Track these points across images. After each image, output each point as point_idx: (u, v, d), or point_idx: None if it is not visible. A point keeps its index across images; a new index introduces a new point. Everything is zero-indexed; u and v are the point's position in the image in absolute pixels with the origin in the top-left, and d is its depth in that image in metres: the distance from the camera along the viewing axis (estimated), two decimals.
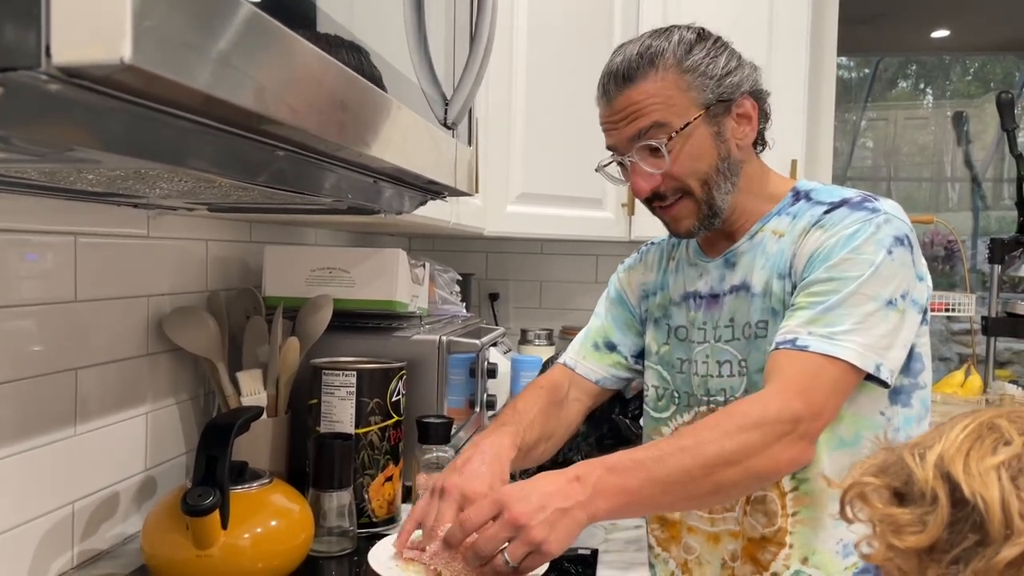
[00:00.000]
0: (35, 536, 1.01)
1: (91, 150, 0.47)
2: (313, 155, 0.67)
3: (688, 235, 1.14)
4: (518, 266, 2.65)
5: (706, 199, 1.10)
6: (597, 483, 0.92)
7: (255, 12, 0.49)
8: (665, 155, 1.07)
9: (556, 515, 0.89)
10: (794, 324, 1.01)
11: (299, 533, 1.05)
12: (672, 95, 1.07)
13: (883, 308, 1.00)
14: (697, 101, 1.07)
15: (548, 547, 0.88)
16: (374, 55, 0.71)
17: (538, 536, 0.87)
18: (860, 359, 0.98)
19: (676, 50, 1.07)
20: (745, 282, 1.12)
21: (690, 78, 1.07)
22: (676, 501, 0.99)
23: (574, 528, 0.90)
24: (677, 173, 1.08)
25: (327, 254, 1.46)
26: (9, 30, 0.36)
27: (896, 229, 1.04)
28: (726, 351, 1.13)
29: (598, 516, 0.92)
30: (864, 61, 5.32)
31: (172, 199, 0.96)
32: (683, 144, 1.07)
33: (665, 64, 1.07)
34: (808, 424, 0.96)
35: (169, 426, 1.29)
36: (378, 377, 1.25)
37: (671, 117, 1.06)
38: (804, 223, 1.08)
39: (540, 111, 2.01)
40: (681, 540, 1.22)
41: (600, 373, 1.28)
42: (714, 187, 1.09)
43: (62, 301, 1.04)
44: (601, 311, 1.33)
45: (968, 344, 2.70)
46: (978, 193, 5.15)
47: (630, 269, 1.32)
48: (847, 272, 1.01)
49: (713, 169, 1.09)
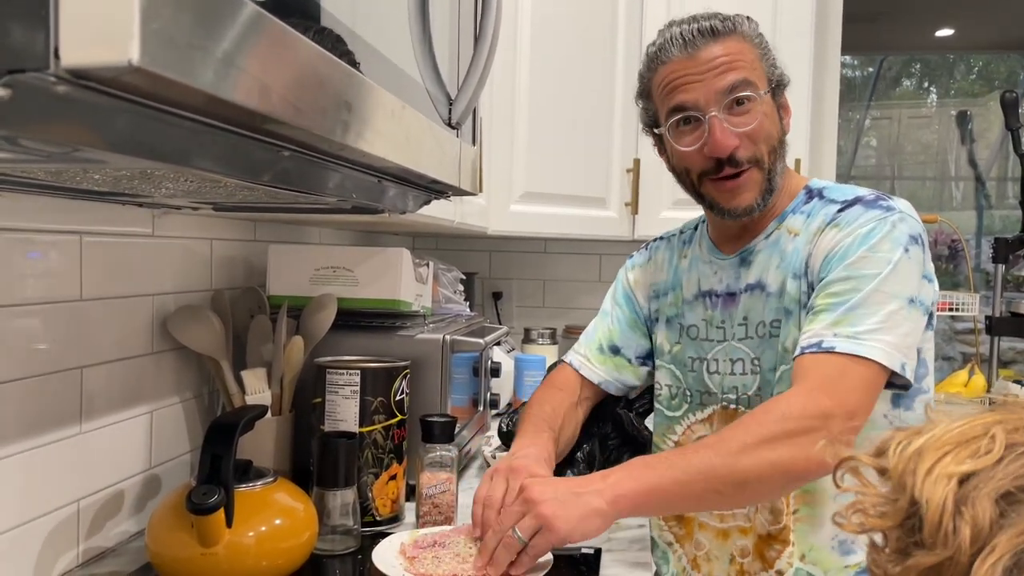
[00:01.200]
0: (40, 534, 1.01)
1: (98, 151, 0.47)
2: (317, 155, 0.68)
3: (747, 212, 1.10)
4: (521, 265, 2.66)
5: (772, 171, 1.09)
6: (618, 473, 0.95)
7: (259, 13, 0.49)
8: (754, 112, 1.06)
9: (569, 497, 0.92)
10: (818, 327, 1.00)
11: (303, 531, 1.05)
12: (754, 60, 1.08)
13: (906, 306, 1.00)
14: (768, 75, 1.09)
15: (556, 523, 0.90)
16: (373, 51, 0.72)
17: (546, 511, 0.90)
18: (887, 358, 0.98)
19: (750, 25, 1.09)
20: (760, 281, 1.12)
21: (761, 53, 1.09)
22: (703, 494, 0.95)
23: (588, 513, 0.91)
24: (758, 136, 1.07)
25: (331, 253, 1.46)
26: (18, 32, 0.36)
27: (911, 228, 1.04)
28: (739, 349, 1.13)
29: (620, 505, 0.93)
30: (868, 60, 5.32)
31: (177, 198, 0.96)
32: (763, 110, 1.07)
33: (744, 33, 1.08)
34: (842, 422, 0.94)
35: (174, 424, 1.30)
36: (382, 376, 1.25)
37: (758, 77, 1.07)
38: (819, 222, 1.08)
39: (544, 110, 2.01)
40: (692, 536, 1.22)
41: (603, 376, 1.29)
42: (778, 161, 1.10)
43: (68, 300, 1.04)
44: (608, 309, 1.33)
45: (972, 344, 2.70)
46: (982, 192, 5.14)
47: (639, 268, 1.31)
48: (865, 270, 1.00)
49: (779, 142, 1.10)
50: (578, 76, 2.08)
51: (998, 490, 0.47)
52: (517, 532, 0.91)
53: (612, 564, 1.17)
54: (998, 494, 0.47)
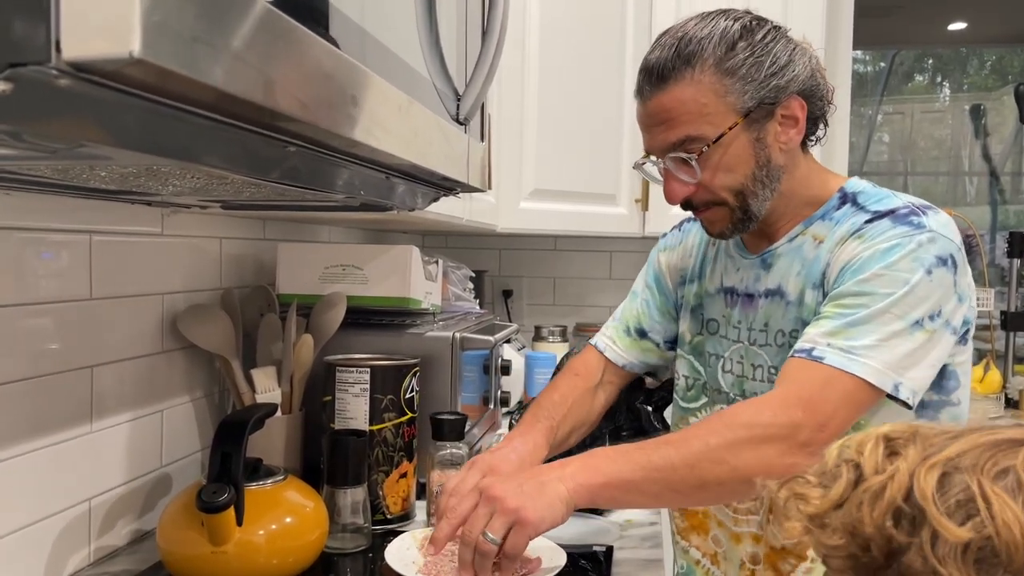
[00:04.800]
0: (52, 533, 1.02)
1: (102, 146, 0.47)
2: (325, 151, 0.67)
3: (721, 237, 1.11)
4: (531, 262, 2.65)
5: (741, 206, 1.05)
6: (578, 462, 0.94)
7: (265, 7, 0.49)
8: (696, 169, 1.01)
9: (533, 487, 0.91)
10: (814, 333, 0.98)
11: (314, 530, 1.05)
12: (708, 102, 0.99)
13: (909, 328, 0.95)
14: (736, 107, 0.99)
15: (525, 514, 0.88)
16: (380, 46, 0.71)
17: (512, 504, 0.89)
18: (877, 377, 0.94)
19: (716, 49, 0.99)
20: (780, 287, 1.09)
21: (729, 82, 0.99)
22: (661, 492, 0.94)
23: (554, 499, 0.90)
24: (710, 186, 1.03)
25: (340, 251, 1.46)
26: (19, 25, 0.36)
27: (941, 249, 0.98)
28: (760, 355, 1.11)
29: (578, 493, 0.91)
30: (880, 54, 5.28)
31: (185, 196, 0.96)
32: (719, 156, 1.01)
33: (703, 64, 0.99)
34: (810, 434, 0.92)
35: (184, 423, 1.30)
36: (392, 374, 1.25)
37: (704, 128, 1.00)
38: (844, 231, 1.03)
39: (553, 107, 2.00)
40: (709, 532, 1.21)
41: (628, 359, 1.27)
42: (750, 196, 1.04)
43: (78, 299, 1.04)
44: (637, 291, 1.31)
45: (987, 339, 2.67)
46: (996, 187, 5.10)
47: (670, 250, 1.28)
48: (879, 288, 0.96)
49: (749, 179, 1.03)
50: (587, 72, 2.07)
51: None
52: (489, 535, 0.88)
53: (623, 562, 1.16)
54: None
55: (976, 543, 0.44)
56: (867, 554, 0.48)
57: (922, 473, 0.47)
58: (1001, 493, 0.45)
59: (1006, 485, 0.45)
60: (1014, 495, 0.44)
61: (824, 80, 1.07)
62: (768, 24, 1.03)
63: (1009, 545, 0.43)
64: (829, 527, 0.50)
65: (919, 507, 0.46)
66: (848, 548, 0.49)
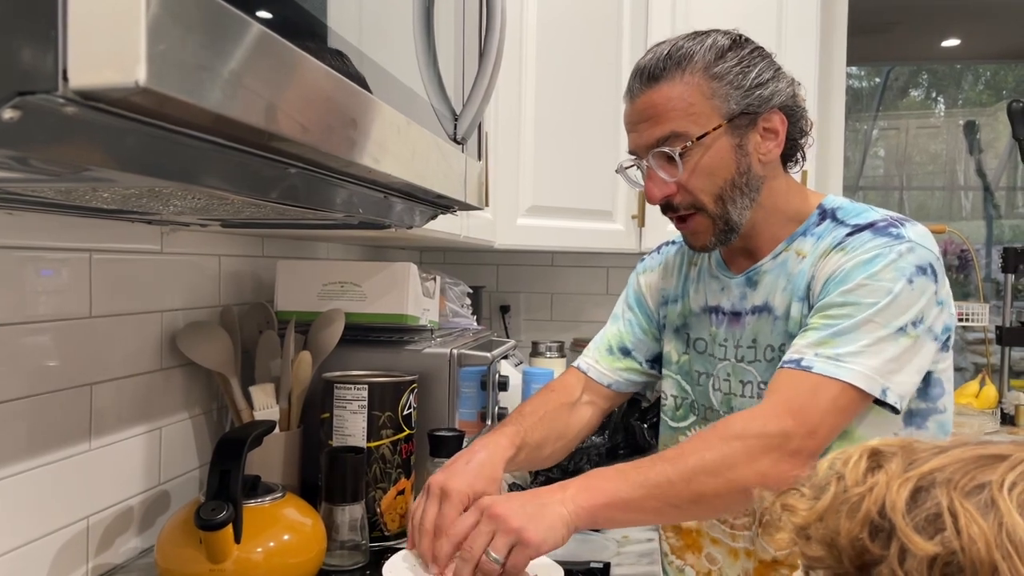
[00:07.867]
0: (50, 550, 1.02)
1: (106, 170, 0.48)
2: (324, 172, 0.68)
3: (704, 250, 1.13)
4: (529, 279, 2.66)
5: (721, 215, 1.07)
6: (578, 484, 0.94)
7: (265, 32, 0.50)
8: (679, 165, 1.05)
9: (535, 508, 0.91)
10: (802, 344, 1.01)
11: (312, 547, 1.05)
12: (695, 101, 1.04)
13: (894, 334, 0.99)
14: (720, 110, 1.04)
15: (528, 535, 0.89)
16: (378, 69, 0.72)
17: (515, 524, 0.89)
18: (865, 382, 0.97)
19: (706, 55, 1.05)
20: (767, 303, 1.11)
21: (716, 85, 1.04)
22: (660, 508, 0.96)
23: (555, 521, 0.90)
24: (691, 186, 1.06)
25: (338, 268, 1.47)
26: (27, 54, 0.37)
27: (919, 258, 1.01)
28: (748, 371, 1.12)
29: (579, 515, 0.92)
30: (875, 70, 5.32)
31: (185, 215, 0.97)
32: (701, 155, 1.05)
33: (693, 67, 1.04)
34: (801, 441, 0.95)
35: (182, 440, 1.30)
36: (389, 390, 1.25)
37: (690, 126, 1.04)
38: (826, 244, 1.07)
39: (549, 124, 2.02)
40: (702, 550, 1.21)
41: (612, 377, 1.28)
42: (729, 202, 1.07)
43: (77, 317, 1.05)
44: (619, 313, 1.32)
45: (983, 354, 2.68)
46: (991, 202, 5.12)
47: (650, 272, 1.31)
48: (863, 298, 0.99)
49: (729, 184, 1.06)
50: (583, 89, 2.09)
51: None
52: (492, 554, 0.89)
53: None
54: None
55: (943, 558, 0.44)
56: (842, 566, 0.48)
57: (895, 487, 0.47)
58: (971, 508, 0.45)
59: (978, 501, 0.45)
60: (984, 511, 0.45)
61: (805, 111, 1.12)
62: (756, 44, 1.09)
63: (975, 561, 0.43)
64: (812, 539, 0.50)
65: (891, 520, 0.46)
66: (826, 560, 0.49)
